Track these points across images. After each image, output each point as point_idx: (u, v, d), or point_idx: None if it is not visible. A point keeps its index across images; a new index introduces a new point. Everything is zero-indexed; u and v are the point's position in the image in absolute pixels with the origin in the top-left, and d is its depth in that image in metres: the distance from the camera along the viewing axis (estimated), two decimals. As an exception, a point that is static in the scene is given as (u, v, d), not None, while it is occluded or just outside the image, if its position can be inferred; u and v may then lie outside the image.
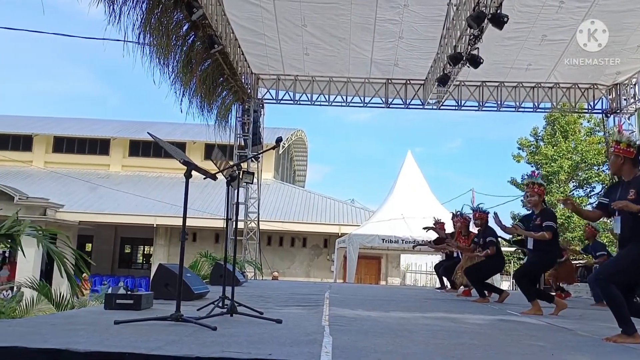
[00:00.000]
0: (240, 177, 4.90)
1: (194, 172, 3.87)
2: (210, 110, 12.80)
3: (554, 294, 7.75)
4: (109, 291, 4.91)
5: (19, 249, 3.91)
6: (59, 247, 4.15)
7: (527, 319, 5.68)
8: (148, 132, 4.05)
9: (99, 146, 29.00)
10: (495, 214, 7.27)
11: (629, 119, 13.91)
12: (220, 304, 4.73)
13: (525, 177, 7.22)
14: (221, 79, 12.47)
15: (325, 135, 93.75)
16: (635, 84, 13.51)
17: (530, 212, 7.03)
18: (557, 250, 6.75)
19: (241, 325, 4.04)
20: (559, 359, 3.15)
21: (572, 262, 10.13)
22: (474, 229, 8.95)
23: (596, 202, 4.41)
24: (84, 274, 4.31)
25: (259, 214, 15.28)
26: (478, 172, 74.88)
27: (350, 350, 3.08)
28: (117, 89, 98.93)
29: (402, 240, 17.58)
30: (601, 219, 5.11)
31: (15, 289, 13.46)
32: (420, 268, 30.64)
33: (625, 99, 13.85)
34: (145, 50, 8.92)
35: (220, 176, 4.66)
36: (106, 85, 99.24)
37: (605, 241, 13.94)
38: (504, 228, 7.10)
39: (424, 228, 11.11)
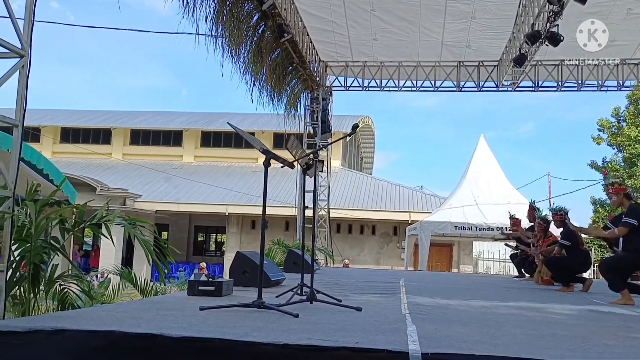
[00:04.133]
0: (317, 165, 4.89)
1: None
2: (280, 99, 12.92)
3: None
4: (192, 278, 5.04)
5: (109, 237, 4.06)
6: (144, 235, 4.29)
7: (619, 310, 5.37)
8: (228, 123, 4.10)
9: (172, 138, 29.99)
10: (566, 215, 7.23)
11: None
12: (299, 291, 4.76)
13: (603, 175, 7.03)
14: (290, 67, 12.54)
15: (393, 122, 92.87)
16: None
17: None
18: None
19: (322, 312, 4.04)
20: (664, 353, 2.93)
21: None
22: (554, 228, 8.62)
23: None
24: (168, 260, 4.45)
25: (329, 202, 15.34)
26: (554, 155, 71.95)
27: (437, 339, 3.00)
28: (188, 82, 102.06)
29: (475, 227, 17.16)
30: None
31: (100, 275, 14.18)
32: (492, 255, 29.89)
33: None
34: (217, 42, 9.08)
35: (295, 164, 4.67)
36: (179, 78, 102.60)
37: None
38: (575, 229, 7.06)
39: (500, 240, 10.92)
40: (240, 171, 27.02)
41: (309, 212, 15.39)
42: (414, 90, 14.45)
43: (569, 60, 13.28)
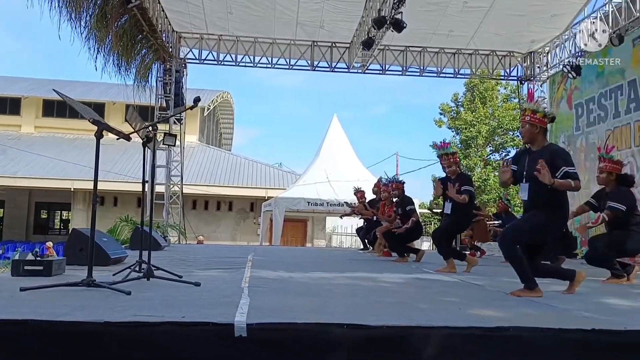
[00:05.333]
0: (157, 138, 4.74)
1: (109, 134, 3.71)
2: (129, 69, 12.24)
3: (467, 252, 8.15)
4: (16, 257, 4.67)
5: None
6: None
7: (442, 277, 5.94)
8: (54, 90, 3.81)
9: (9, 105, 27.19)
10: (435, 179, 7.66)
11: (541, 86, 14.57)
12: (137, 268, 4.61)
13: (438, 146, 7.27)
14: (140, 36, 11.90)
15: (253, 98, 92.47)
16: (548, 53, 14.12)
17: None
18: (472, 212, 7.05)
19: (158, 289, 3.97)
20: (465, 313, 3.30)
21: (487, 222, 10.66)
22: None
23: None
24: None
25: (182, 178, 14.95)
26: (403, 136, 76.54)
27: (266, 310, 3.09)
28: (30, 44, 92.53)
29: (328, 203, 17.84)
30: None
31: None
32: (346, 230, 31.26)
33: (538, 67, 14.47)
34: (53, 3, 8.33)
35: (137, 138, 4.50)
36: (15, 39, 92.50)
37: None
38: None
39: (341, 216, 11.60)
40: (88, 144, 25.27)
41: (162, 188, 14.91)
42: (270, 67, 14.50)
43: (413, 47, 14.16)
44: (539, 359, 2.75)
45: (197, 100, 4.32)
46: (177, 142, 13.79)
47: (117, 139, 4.10)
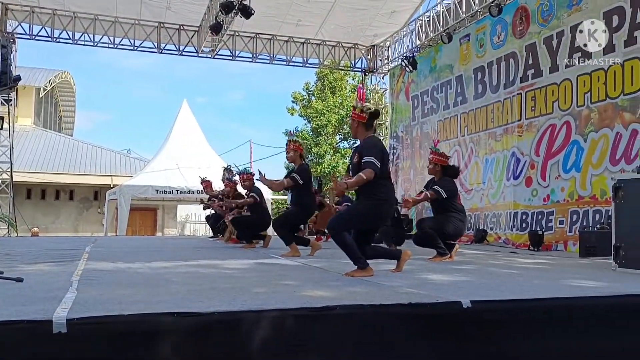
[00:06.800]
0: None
1: None
2: (-57, 42, 10.79)
3: (312, 237, 8.46)
4: None
5: None
6: None
7: (285, 261, 6.10)
8: None
9: None
10: (260, 172, 7.66)
11: (383, 78, 15.47)
12: (-54, 266, 4.14)
13: (289, 133, 7.54)
14: (-44, 4, 10.56)
15: (101, 81, 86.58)
16: (388, 47, 15.01)
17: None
18: (313, 202, 7.27)
19: (-32, 288, 3.59)
20: (299, 295, 3.43)
21: (334, 209, 11.12)
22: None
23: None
24: None
25: (11, 164, 13.62)
26: (259, 123, 76.80)
27: (91, 303, 2.95)
28: None
29: (178, 190, 17.38)
30: None
31: None
32: (199, 218, 30.69)
33: (380, 60, 15.34)
34: None
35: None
36: None
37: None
38: (269, 183, 7.58)
39: (204, 207, 11.50)
40: None
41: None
42: (112, 48, 13.69)
43: (262, 34, 14.25)
44: (364, 335, 2.94)
45: (16, 79, 3.95)
46: (5, 125, 12.50)
47: None
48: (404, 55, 13.57)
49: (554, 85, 9.18)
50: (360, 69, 15.98)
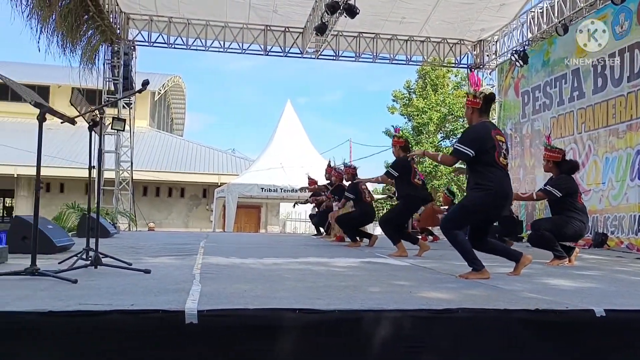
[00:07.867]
0: (104, 122, 4.60)
1: (53, 118, 3.57)
2: (74, 51, 11.79)
3: (419, 237, 8.29)
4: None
5: None
6: None
7: (393, 261, 6.03)
8: (-8, 70, 3.63)
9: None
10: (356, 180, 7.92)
11: (490, 74, 14.90)
12: (84, 256, 4.49)
13: (392, 129, 7.63)
14: (86, 16, 11.48)
15: (207, 84, 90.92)
16: (497, 41, 14.43)
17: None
18: (416, 193, 6.99)
19: (105, 277, 3.88)
20: (416, 296, 3.37)
21: (437, 207, 10.84)
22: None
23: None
24: None
25: (132, 163, 14.61)
26: (357, 123, 77.07)
27: (217, 296, 3.07)
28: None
29: (281, 189, 17.81)
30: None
31: None
32: (300, 216, 31.31)
33: (487, 55, 14.78)
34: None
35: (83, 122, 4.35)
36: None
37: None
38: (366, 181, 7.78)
39: (298, 204, 11.85)
40: (32, 128, 24.23)
41: (111, 175, 14.53)
42: (222, 51, 14.27)
43: (366, 33, 14.21)
44: (486, 340, 2.83)
45: (145, 83, 4.21)
46: (127, 127, 13.43)
47: (62, 122, 3.95)
48: (514, 49, 12.97)
49: (687, 77, 8.37)
50: (465, 65, 15.51)
